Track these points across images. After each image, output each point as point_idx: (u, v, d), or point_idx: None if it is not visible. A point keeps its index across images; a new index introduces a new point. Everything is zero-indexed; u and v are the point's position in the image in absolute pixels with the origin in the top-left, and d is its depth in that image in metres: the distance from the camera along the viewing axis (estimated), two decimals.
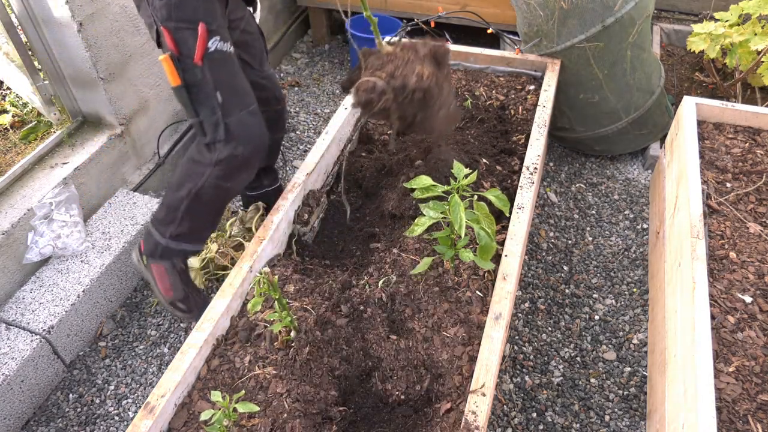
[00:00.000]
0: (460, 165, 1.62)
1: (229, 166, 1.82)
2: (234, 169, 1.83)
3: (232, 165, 1.82)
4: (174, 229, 1.93)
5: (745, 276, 1.72)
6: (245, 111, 1.80)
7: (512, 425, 1.93)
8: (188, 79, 1.71)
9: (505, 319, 1.56)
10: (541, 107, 2.32)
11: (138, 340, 2.25)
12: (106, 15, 2.33)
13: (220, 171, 1.82)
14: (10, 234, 2.12)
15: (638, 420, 1.93)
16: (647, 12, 2.44)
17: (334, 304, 1.75)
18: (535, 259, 2.47)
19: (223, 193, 1.90)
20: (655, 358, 1.92)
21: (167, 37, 1.66)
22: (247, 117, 1.80)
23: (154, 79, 2.68)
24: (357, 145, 2.48)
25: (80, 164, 2.40)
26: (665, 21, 3.58)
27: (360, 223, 2.17)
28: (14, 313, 2.07)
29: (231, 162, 1.81)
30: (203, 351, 1.58)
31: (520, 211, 1.88)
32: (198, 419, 1.46)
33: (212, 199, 1.90)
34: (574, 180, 2.84)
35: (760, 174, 2.04)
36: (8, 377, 1.89)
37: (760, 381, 1.49)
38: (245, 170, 1.88)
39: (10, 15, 2.26)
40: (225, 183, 1.85)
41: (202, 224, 1.98)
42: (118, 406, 2.05)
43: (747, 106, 2.25)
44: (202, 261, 2.34)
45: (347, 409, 1.56)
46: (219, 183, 1.84)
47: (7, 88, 2.85)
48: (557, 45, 2.50)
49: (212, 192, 1.86)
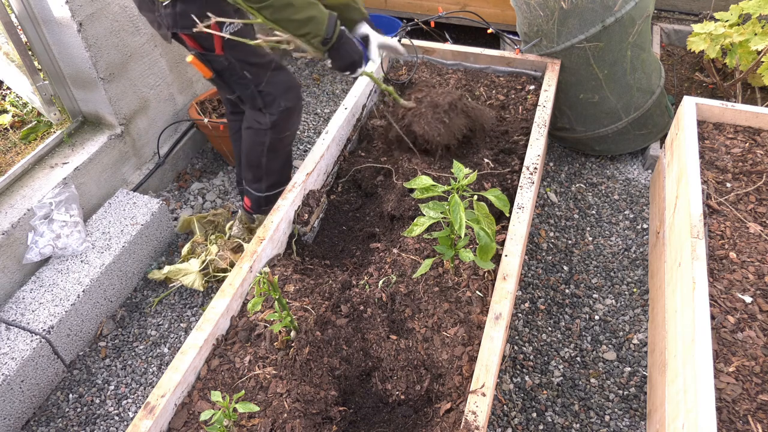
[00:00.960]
0: (459, 165, 1.62)
1: (282, 122, 2.16)
2: (285, 121, 2.18)
3: (284, 119, 2.16)
4: (266, 182, 2.33)
5: (745, 276, 1.72)
6: (270, 70, 2.05)
7: (512, 425, 1.93)
8: (217, 68, 2.00)
9: (505, 319, 1.56)
10: (541, 107, 2.32)
11: (138, 340, 2.25)
12: (106, 15, 2.33)
13: (277, 129, 2.17)
14: (10, 234, 2.12)
15: (638, 420, 1.93)
16: (647, 12, 2.44)
17: (334, 304, 1.75)
18: (535, 259, 2.47)
19: (287, 140, 2.27)
20: (655, 358, 1.92)
21: (188, 40, 1.91)
22: (274, 75, 2.07)
23: (154, 79, 2.68)
24: (357, 145, 2.48)
25: (80, 164, 2.40)
26: (665, 21, 3.58)
27: (360, 223, 2.17)
28: (14, 313, 2.07)
29: (282, 117, 2.15)
30: (203, 351, 1.58)
31: (520, 211, 1.88)
32: (198, 419, 1.46)
33: (282, 148, 2.27)
34: (574, 180, 2.84)
35: (760, 174, 2.04)
36: (8, 377, 1.89)
37: (760, 381, 1.48)
38: (294, 115, 2.21)
39: (10, 15, 2.26)
40: (284, 133, 2.21)
41: (282, 168, 2.35)
42: (118, 406, 2.05)
43: (747, 106, 2.24)
44: (202, 263, 2.34)
45: (347, 409, 1.56)
46: (280, 136, 2.20)
47: (7, 88, 2.86)
48: (557, 45, 2.50)
49: (279, 143, 2.23)
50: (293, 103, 2.14)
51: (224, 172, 2.96)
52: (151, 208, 2.45)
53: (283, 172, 2.36)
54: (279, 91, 2.09)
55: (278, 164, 2.33)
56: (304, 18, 1.71)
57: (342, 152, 2.36)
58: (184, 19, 1.81)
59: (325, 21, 1.76)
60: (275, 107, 2.11)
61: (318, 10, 1.75)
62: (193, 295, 2.38)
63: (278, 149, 2.26)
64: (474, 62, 2.73)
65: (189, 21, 1.80)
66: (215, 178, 2.93)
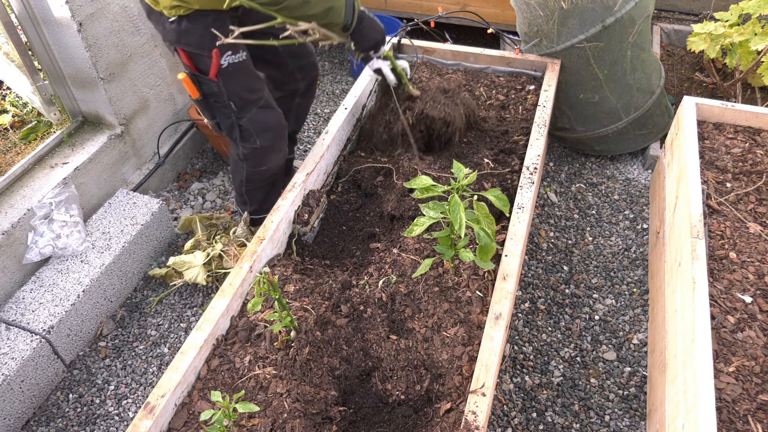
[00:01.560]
0: (459, 165, 1.62)
1: (255, 157, 2.17)
2: (260, 157, 2.17)
3: (257, 155, 2.16)
4: (250, 207, 2.40)
5: (745, 276, 1.72)
6: (256, 108, 2.05)
7: (512, 425, 1.93)
8: (206, 91, 1.98)
9: (505, 319, 1.56)
10: (541, 107, 2.32)
11: (138, 340, 2.25)
12: (106, 15, 2.33)
13: (251, 162, 2.19)
14: (10, 234, 2.12)
15: (638, 420, 1.93)
16: (647, 12, 2.44)
17: (334, 304, 1.75)
18: (535, 259, 2.47)
19: (264, 175, 2.26)
20: (655, 358, 1.92)
21: (184, 57, 1.90)
22: (258, 113, 2.07)
23: (154, 79, 2.68)
24: (357, 145, 2.48)
25: (80, 164, 2.40)
26: (665, 21, 3.58)
27: (360, 223, 2.17)
28: (14, 313, 2.07)
29: (255, 154, 2.15)
30: (203, 351, 1.58)
31: (520, 211, 1.88)
32: (198, 419, 1.46)
33: (260, 180, 2.29)
34: (574, 180, 2.84)
35: (760, 174, 2.04)
36: (8, 377, 1.89)
37: (760, 381, 1.48)
38: (272, 154, 2.20)
39: (10, 15, 2.26)
40: (260, 168, 2.22)
41: (264, 198, 2.38)
42: (118, 406, 2.05)
43: (747, 106, 2.24)
44: (206, 257, 2.34)
45: (347, 409, 1.56)
46: (255, 170, 2.23)
47: (7, 88, 2.86)
48: (557, 45, 2.50)
49: (256, 177, 2.26)
50: (269, 143, 2.13)
51: (224, 172, 2.96)
52: (151, 208, 2.45)
53: (264, 202, 2.37)
54: (257, 129, 2.08)
55: (259, 194, 2.36)
56: (322, 11, 1.71)
57: (342, 152, 2.36)
58: (186, 37, 1.83)
59: (343, 8, 1.76)
60: (250, 143, 2.11)
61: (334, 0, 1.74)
62: (193, 295, 2.38)
63: (255, 181, 2.28)
64: (474, 62, 2.73)
65: (191, 39, 1.83)
66: (215, 178, 2.93)
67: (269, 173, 2.27)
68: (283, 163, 2.32)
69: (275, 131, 2.13)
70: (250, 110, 2.04)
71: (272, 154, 2.20)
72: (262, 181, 2.30)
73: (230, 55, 1.89)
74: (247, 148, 2.13)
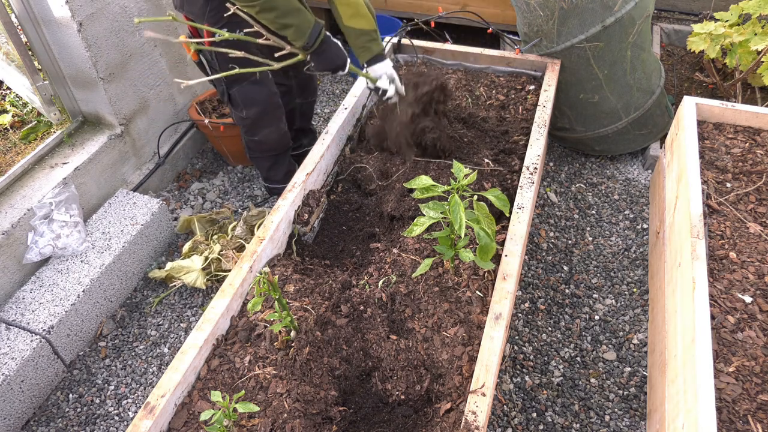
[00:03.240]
0: (460, 165, 1.61)
1: (245, 126, 2.35)
2: (249, 128, 2.35)
3: (247, 125, 2.34)
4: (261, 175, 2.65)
5: (745, 276, 1.72)
6: (247, 82, 2.21)
7: (512, 425, 1.93)
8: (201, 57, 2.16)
9: (505, 319, 1.56)
10: (541, 107, 2.32)
11: (138, 340, 2.25)
12: (106, 15, 2.33)
13: (244, 130, 2.39)
14: (10, 234, 2.12)
15: (638, 420, 1.93)
16: (647, 12, 2.44)
17: (334, 304, 1.75)
18: (535, 259, 2.47)
19: (260, 144, 2.43)
20: (655, 358, 1.92)
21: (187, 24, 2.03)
22: (246, 86, 2.23)
23: (154, 79, 2.68)
24: (357, 145, 2.48)
25: (80, 164, 2.40)
26: (665, 21, 3.58)
27: (360, 223, 2.17)
28: (14, 313, 2.07)
29: (244, 123, 2.34)
30: (203, 351, 1.58)
31: (520, 211, 1.88)
32: (198, 419, 1.46)
33: (258, 150, 2.47)
34: (574, 180, 2.84)
35: (760, 174, 2.04)
36: (8, 377, 1.89)
37: (760, 381, 1.48)
38: (261, 127, 2.36)
39: (10, 15, 2.26)
40: (253, 137, 2.39)
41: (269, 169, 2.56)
42: (118, 406, 2.05)
43: (747, 106, 2.24)
44: (204, 260, 2.34)
45: (347, 409, 1.56)
46: (250, 138, 2.40)
47: (7, 88, 2.86)
48: (557, 45, 2.50)
49: (253, 145, 2.44)
50: (255, 116, 2.29)
51: (224, 172, 2.96)
52: (151, 208, 2.45)
53: (269, 172, 2.57)
54: (245, 101, 2.25)
55: (264, 164, 2.53)
56: (286, 23, 1.82)
57: (342, 152, 2.36)
58: (189, 5, 2.02)
59: (307, 31, 1.86)
60: (237, 112, 2.31)
61: (301, 19, 1.84)
62: (193, 295, 2.38)
63: (254, 149, 2.46)
64: (474, 62, 2.73)
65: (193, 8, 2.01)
66: (215, 178, 2.93)
67: (266, 146, 2.43)
68: (283, 140, 2.47)
69: (262, 106, 2.28)
70: (240, 83, 2.20)
71: (262, 128, 2.35)
72: (261, 152, 2.47)
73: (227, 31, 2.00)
74: (236, 116, 2.35)
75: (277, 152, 2.49)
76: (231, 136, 2.76)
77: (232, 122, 2.65)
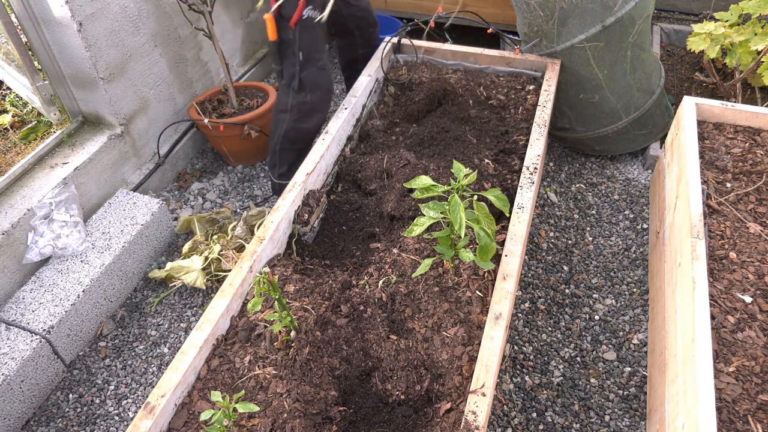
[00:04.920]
0: (459, 165, 1.61)
1: (300, 111, 2.46)
2: (305, 113, 2.47)
3: (303, 110, 2.46)
4: (278, 170, 2.61)
5: (745, 276, 1.72)
6: (316, 67, 2.40)
7: (512, 425, 1.93)
8: (282, 37, 2.30)
9: (505, 319, 1.56)
10: (541, 107, 2.32)
11: (138, 340, 2.25)
12: (106, 15, 2.33)
13: (295, 115, 2.46)
14: (10, 234, 2.12)
15: (638, 420, 1.93)
16: (647, 12, 2.44)
17: (334, 304, 1.75)
18: (535, 259, 2.47)
19: (302, 134, 2.52)
20: (655, 358, 1.92)
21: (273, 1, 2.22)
22: (317, 72, 2.41)
23: (154, 79, 2.68)
24: (357, 145, 2.48)
25: (80, 164, 2.40)
26: (665, 21, 3.58)
27: (360, 223, 2.17)
28: (14, 313, 2.07)
29: (301, 107, 2.45)
30: (203, 351, 1.58)
31: (520, 211, 1.88)
32: (198, 419, 1.46)
33: (298, 139, 2.53)
34: (574, 180, 2.84)
35: (760, 174, 2.04)
36: (8, 377, 1.89)
37: (760, 381, 1.48)
38: (315, 114, 2.50)
39: (10, 15, 2.26)
40: (301, 125, 2.49)
41: (294, 162, 2.56)
42: (118, 406, 2.05)
43: (747, 106, 2.24)
44: (204, 260, 2.34)
45: (347, 409, 1.56)
46: (296, 125, 2.48)
47: (7, 88, 2.86)
48: (557, 45, 2.50)
49: (294, 134, 2.50)
50: (317, 100, 2.46)
51: (224, 172, 2.96)
52: (151, 208, 2.45)
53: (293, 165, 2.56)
54: (312, 85, 2.42)
55: (291, 156, 2.57)
56: None
57: (342, 152, 2.36)
58: None
59: None
60: (301, 96, 2.43)
61: None
62: (193, 295, 2.38)
63: (291, 138, 2.52)
64: (474, 62, 2.73)
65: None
66: (215, 178, 2.93)
67: (307, 134, 2.54)
68: (320, 128, 2.57)
69: (324, 92, 2.48)
70: (311, 67, 2.38)
71: (316, 114, 2.50)
72: (297, 141, 2.54)
73: (311, 9, 2.22)
74: (297, 100, 2.44)
75: (309, 143, 2.56)
76: (231, 136, 2.76)
77: (233, 122, 2.65)
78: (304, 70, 2.36)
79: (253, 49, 3.48)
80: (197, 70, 2.95)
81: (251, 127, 2.72)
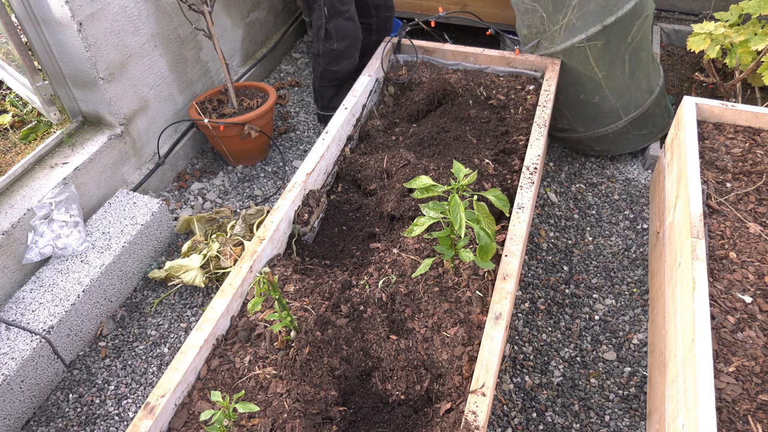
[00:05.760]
0: (459, 165, 1.61)
1: (329, 57, 2.78)
2: (334, 58, 2.79)
3: (332, 56, 2.77)
4: (320, 103, 3.05)
5: (745, 276, 1.72)
6: (342, 18, 2.67)
7: (512, 425, 1.93)
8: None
9: (505, 319, 1.56)
10: (541, 107, 2.32)
11: (138, 340, 2.25)
12: (106, 15, 2.33)
13: (326, 60, 2.80)
14: (10, 234, 2.12)
15: (638, 420, 1.93)
16: (647, 12, 2.44)
17: (334, 304, 1.75)
18: (535, 259, 2.47)
19: (336, 74, 2.88)
20: (655, 358, 1.92)
21: None
22: (343, 23, 2.68)
23: (154, 79, 2.68)
24: (357, 145, 2.48)
25: (80, 164, 2.40)
26: (665, 21, 3.58)
27: (360, 223, 2.17)
28: (14, 313, 2.07)
29: (331, 54, 2.76)
30: (203, 351, 1.58)
31: (520, 211, 1.88)
32: (198, 419, 1.46)
33: (331, 78, 2.90)
34: (574, 180, 2.84)
35: (760, 174, 2.04)
36: (8, 377, 1.89)
37: (760, 381, 1.49)
38: (344, 59, 2.81)
39: (10, 15, 2.26)
40: (333, 67, 2.84)
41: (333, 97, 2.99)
42: (118, 406, 2.05)
43: (747, 106, 2.24)
44: (203, 258, 2.34)
45: (347, 409, 1.56)
46: (329, 68, 2.84)
47: (7, 88, 2.86)
48: (557, 45, 2.50)
49: (328, 74, 2.88)
50: (343, 48, 2.73)
51: (224, 172, 2.96)
52: (151, 208, 2.45)
53: (332, 100, 2.98)
54: (338, 35, 2.68)
55: (329, 92, 2.95)
56: None
57: (342, 152, 2.36)
58: None
59: None
60: (329, 44, 2.71)
61: None
62: (193, 295, 2.38)
63: (327, 78, 2.87)
64: (474, 62, 2.73)
65: None
66: (215, 178, 2.93)
67: (339, 75, 2.86)
68: (352, 69, 2.88)
69: (351, 40, 2.74)
70: (337, 18, 2.64)
71: (345, 59, 2.79)
72: (332, 81, 2.90)
73: None
74: (326, 47, 2.72)
75: (343, 80, 2.89)
76: (231, 136, 2.76)
77: (233, 122, 2.65)
78: (330, 21, 2.63)
79: (253, 49, 3.48)
80: (197, 70, 2.95)
81: (251, 127, 2.72)
